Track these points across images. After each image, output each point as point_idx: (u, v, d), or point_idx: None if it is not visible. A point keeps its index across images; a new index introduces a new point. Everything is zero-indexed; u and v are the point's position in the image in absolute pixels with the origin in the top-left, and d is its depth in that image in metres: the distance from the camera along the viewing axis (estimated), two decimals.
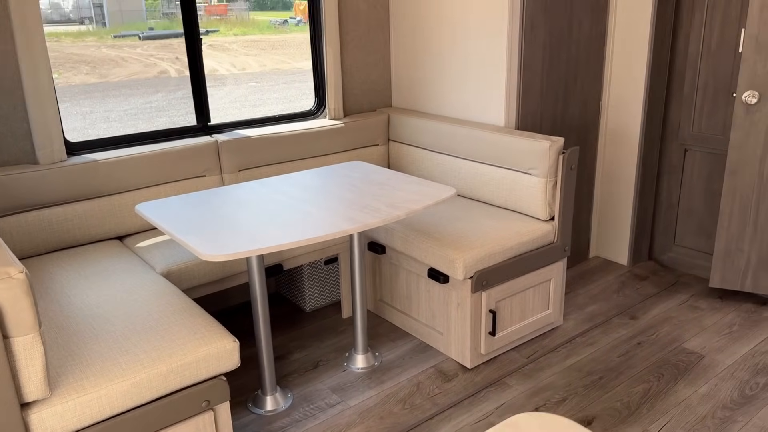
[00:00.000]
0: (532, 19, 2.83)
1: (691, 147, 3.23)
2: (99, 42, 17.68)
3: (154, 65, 15.22)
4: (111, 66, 15.06)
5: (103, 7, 19.10)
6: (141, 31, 18.43)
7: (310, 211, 2.12)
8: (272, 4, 21.96)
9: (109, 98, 12.27)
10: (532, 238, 2.64)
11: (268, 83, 13.24)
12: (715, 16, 3.01)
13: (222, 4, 20.39)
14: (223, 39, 18.72)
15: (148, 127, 10.19)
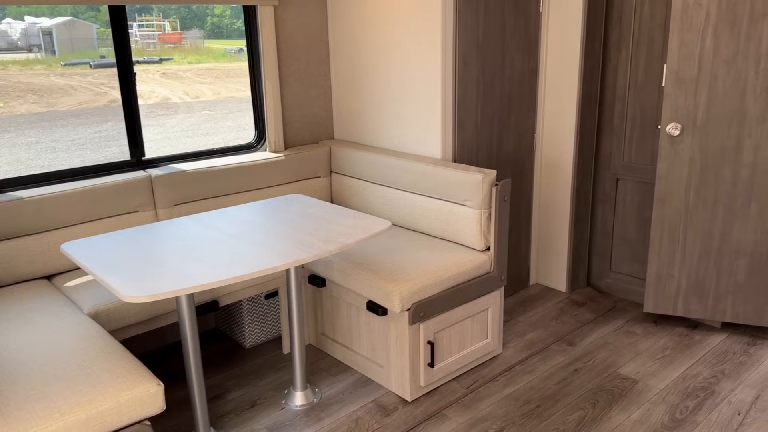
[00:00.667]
0: (465, 56, 2.91)
1: (623, 176, 3.35)
2: (48, 70, 17.31)
3: (104, 94, 14.96)
4: (60, 95, 14.74)
5: (53, 35, 18.74)
6: (92, 59, 18.11)
7: (242, 248, 2.10)
8: (228, 33, 21.97)
9: (56, 128, 11.99)
10: (469, 268, 2.67)
11: (222, 111, 13.18)
12: (640, 52, 3.15)
13: (176, 33, 20.26)
14: (177, 67, 18.57)
15: (96, 158, 9.98)
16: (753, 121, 2.76)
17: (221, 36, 22.14)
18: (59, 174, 2.69)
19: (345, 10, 3.26)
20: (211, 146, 10.04)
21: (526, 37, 3.16)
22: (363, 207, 3.24)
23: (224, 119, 12.36)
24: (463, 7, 2.84)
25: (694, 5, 2.73)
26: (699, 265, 3.02)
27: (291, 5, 3.20)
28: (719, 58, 2.75)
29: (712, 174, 2.88)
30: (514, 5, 3.05)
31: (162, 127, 11.69)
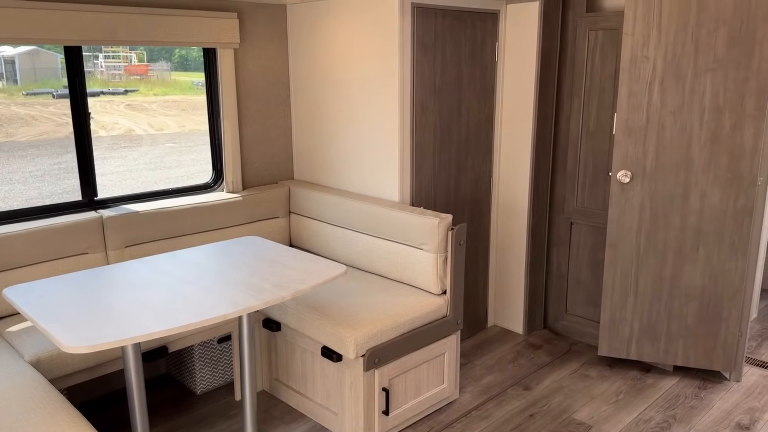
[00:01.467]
0: (422, 102, 2.96)
1: (576, 220, 3.42)
2: (8, 99, 16.96)
3: (66, 124, 14.71)
4: (19, 125, 14.43)
5: (15, 64, 18.43)
6: (55, 89, 17.84)
7: (191, 294, 2.06)
8: (195, 65, 21.93)
9: (14, 159, 11.71)
10: (425, 312, 2.67)
11: (187, 144, 13.07)
12: (592, 101, 3.26)
13: (143, 65, 20.14)
14: (143, 98, 18.42)
15: (53, 190, 9.75)
16: (699, 170, 2.86)
17: (189, 69, 22.09)
18: (6, 215, 2.61)
19: (305, 54, 3.30)
20: (173, 179, 9.84)
21: (482, 85, 3.24)
22: (321, 248, 3.23)
23: (188, 152, 12.27)
24: (420, 56, 2.90)
25: (641, 58, 2.85)
26: (651, 309, 3.07)
27: (252, 48, 3.22)
28: (666, 109, 2.86)
29: (662, 220, 2.96)
30: (470, 55, 3.13)
31: (124, 159, 11.53)
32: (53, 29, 2.50)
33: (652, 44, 2.81)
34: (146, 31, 2.75)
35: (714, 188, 2.85)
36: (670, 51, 2.79)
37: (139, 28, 2.73)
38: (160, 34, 2.79)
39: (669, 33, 2.78)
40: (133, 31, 2.71)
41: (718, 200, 2.86)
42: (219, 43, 3.00)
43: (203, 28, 2.91)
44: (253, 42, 3.22)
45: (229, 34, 3.01)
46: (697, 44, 2.75)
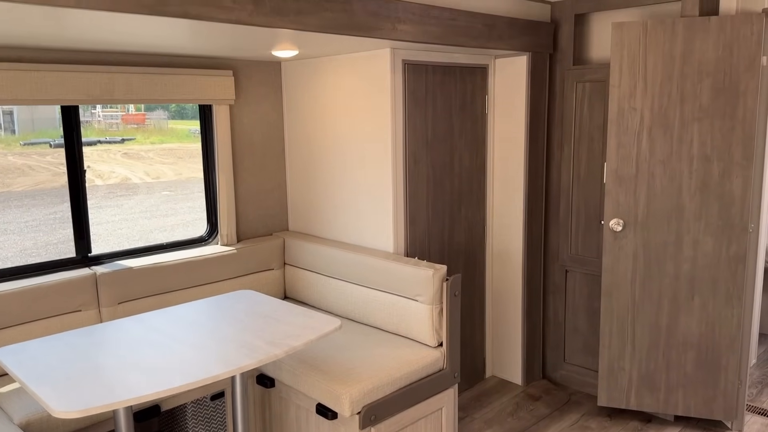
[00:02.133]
0: (414, 154, 3.00)
1: (571, 268, 3.42)
2: (5, 149, 17.08)
3: (63, 174, 14.77)
4: (16, 175, 14.49)
5: (14, 114, 18.61)
6: (52, 138, 17.97)
7: (183, 353, 2.04)
8: (192, 114, 22.22)
9: (10, 209, 11.71)
10: (422, 365, 2.64)
11: (183, 192, 13.14)
12: (581, 151, 3.31)
13: (140, 113, 20.38)
14: (139, 147, 18.58)
15: (48, 240, 9.73)
16: (690, 218, 2.89)
17: (185, 117, 22.38)
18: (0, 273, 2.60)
19: (300, 108, 3.35)
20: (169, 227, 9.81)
21: (473, 137, 3.29)
22: (316, 300, 3.21)
23: (184, 200, 12.31)
24: (412, 110, 2.96)
25: (629, 109, 2.90)
26: (649, 358, 3.05)
27: (247, 103, 3.28)
28: (655, 158, 2.90)
29: (656, 268, 2.97)
30: (460, 108, 3.19)
31: (120, 208, 11.55)
32: (50, 90, 2.54)
33: (639, 95, 2.88)
34: (143, 90, 2.80)
35: (706, 236, 2.87)
36: (657, 102, 2.85)
37: (136, 87, 2.78)
38: (157, 92, 2.84)
39: (655, 84, 2.85)
40: (130, 89, 2.76)
41: (711, 248, 2.87)
42: (215, 99, 3.05)
43: (199, 86, 2.97)
44: (248, 97, 3.28)
45: (224, 90, 3.07)
46: (682, 95, 2.81)
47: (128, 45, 2.54)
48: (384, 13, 2.45)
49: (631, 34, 2.85)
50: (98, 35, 2.25)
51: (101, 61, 2.74)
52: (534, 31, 3.15)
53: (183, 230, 10.05)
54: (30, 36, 2.23)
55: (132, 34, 2.26)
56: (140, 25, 2.06)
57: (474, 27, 2.81)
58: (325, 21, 2.28)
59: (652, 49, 2.82)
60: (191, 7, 1.92)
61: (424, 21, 2.60)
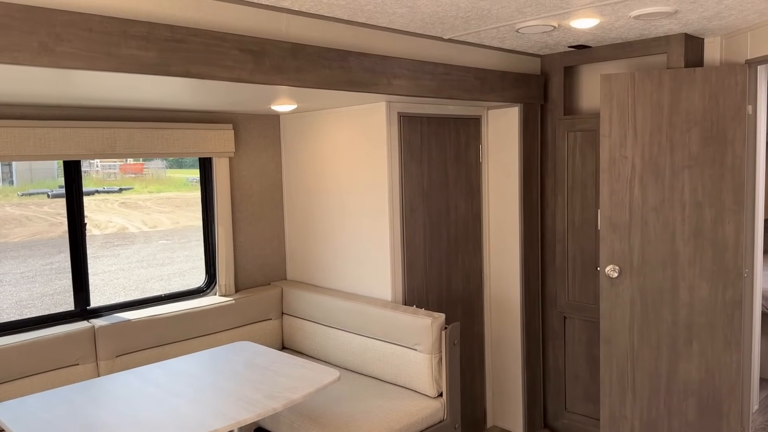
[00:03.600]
0: (411, 203, 3.05)
1: (570, 315, 3.43)
2: (3, 200, 17.14)
3: (59, 224, 14.80)
4: (13, 225, 14.49)
5: (12, 165, 18.74)
6: (50, 189, 18.05)
7: (180, 407, 2.02)
8: (190, 163, 22.42)
9: (6, 260, 11.66)
10: (422, 417, 2.62)
11: (180, 240, 13.14)
12: (575, 198, 3.36)
13: (138, 163, 20.55)
14: (137, 196, 18.66)
15: (44, 291, 9.67)
16: (685, 264, 2.92)
17: (184, 165, 22.58)
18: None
19: (298, 159, 3.42)
20: (165, 276, 9.73)
21: (468, 185, 3.35)
22: (314, 350, 3.20)
23: (181, 248, 12.30)
24: (407, 159, 3.02)
25: (620, 158, 2.97)
26: (650, 405, 3.02)
27: (246, 155, 3.34)
28: (648, 205, 2.95)
29: (653, 314, 2.98)
30: (455, 157, 3.26)
31: (117, 258, 11.52)
32: (53, 146, 2.60)
33: (629, 144, 2.95)
34: (144, 144, 2.86)
35: (701, 281, 2.89)
36: (647, 150, 2.92)
37: (138, 142, 2.84)
38: (158, 147, 2.90)
39: (644, 133, 2.92)
40: (132, 144, 2.82)
41: (707, 293, 2.89)
42: (215, 152, 3.11)
43: (200, 139, 3.04)
44: (247, 149, 3.34)
45: (224, 143, 3.14)
46: (672, 143, 2.88)
47: (130, 101, 2.61)
48: (380, 69, 2.53)
49: (620, 85, 2.95)
50: (101, 93, 2.32)
51: (103, 117, 2.81)
52: (525, 83, 3.24)
53: (180, 279, 10.01)
54: (35, 95, 2.30)
55: (134, 92, 2.33)
56: (143, 84, 2.12)
57: (467, 80, 2.90)
58: (323, 78, 2.35)
59: (640, 100, 2.91)
60: (193, 66, 1.99)
61: (419, 76, 2.69)
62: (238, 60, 2.10)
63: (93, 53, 1.78)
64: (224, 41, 2.05)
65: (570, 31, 2.76)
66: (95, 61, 1.79)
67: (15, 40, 1.64)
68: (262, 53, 2.15)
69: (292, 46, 2.24)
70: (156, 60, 1.90)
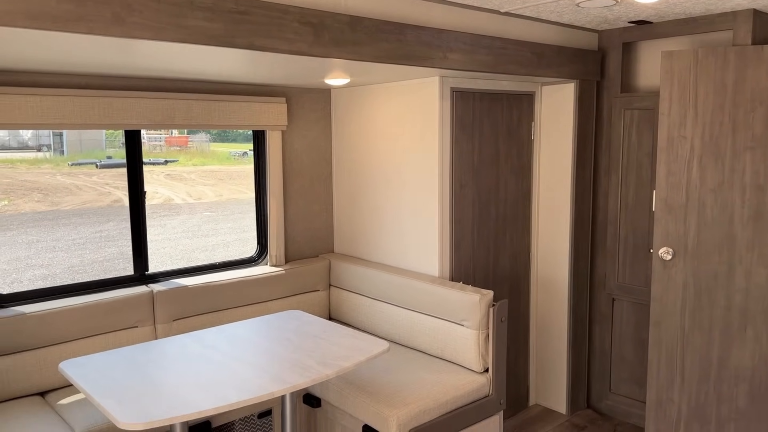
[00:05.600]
0: (461, 179, 3.04)
1: (618, 297, 3.39)
2: (55, 169, 17.72)
3: (108, 194, 15.24)
4: (64, 194, 14.99)
5: (63, 135, 19.31)
6: (98, 159, 18.55)
7: (238, 370, 2.09)
8: (233, 136, 22.74)
9: (58, 227, 12.09)
10: (467, 391, 2.65)
11: (223, 213, 13.40)
12: (629, 178, 3.30)
13: (183, 136, 20.94)
14: (182, 169, 19.05)
15: (94, 257, 10.01)
16: (743, 248, 2.84)
17: (226, 139, 22.93)
18: (64, 288, 2.72)
19: (348, 133, 3.44)
20: (210, 247, 9.94)
21: (519, 163, 3.32)
22: (361, 322, 3.25)
23: (225, 220, 12.53)
24: (459, 135, 3.01)
25: (678, 138, 2.90)
26: (699, 390, 2.98)
27: (297, 129, 3.38)
28: (706, 187, 2.87)
29: (707, 298, 2.92)
30: (507, 133, 3.23)
31: (163, 228, 11.82)
32: (116, 115, 2.68)
33: (689, 124, 2.87)
34: (202, 116, 2.92)
35: (759, 267, 2.82)
36: (708, 131, 2.84)
37: (196, 113, 2.90)
38: (214, 119, 2.95)
39: (705, 113, 2.83)
40: (190, 115, 2.89)
41: (764, 279, 2.82)
42: (268, 125, 3.15)
43: (255, 112, 3.08)
44: (299, 123, 3.38)
45: (278, 117, 3.18)
46: (734, 124, 2.79)
47: (189, 73, 2.66)
48: (436, 42, 2.52)
49: (682, 62, 2.86)
50: (164, 64, 2.37)
51: (163, 88, 2.87)
52: (582, 59, 3.18)
53: (224, 250, 10.23)
54: (100, 65, 2.37)
55: (196, 63, 2.37)
56: (206, 55, 2.16)
57: (523, 55, 2.86)
58: (380, 51, 2.36)
59: (703, 78, 2.82)
60: (256, 38, 2.02)
61: (475, 50, 2.66)
62: (298, 33, 2.12)
63: (161, 24, 1.83)
64: (286, 13, 2.07)
65: (632, 5, 2.69)
66: (163, 31, 1.84)
67: (90, 10, 1.69)
68: (321, 26, 2.17)
69: (351, 19, 2.25)
70: (221, 32, 1.94)
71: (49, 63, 2.29)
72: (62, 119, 2.55)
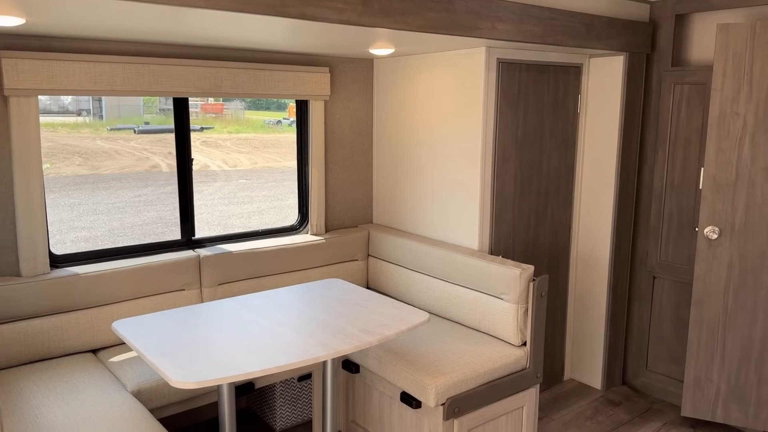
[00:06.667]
0: (504, 152, 3.02)
1: (660, 275, 3.35)
2: (94, 134, 18.08)
3: (146, 159, 15.51)
4: (104, 158, 15.32)
5: (102, 100, 19.61)
6: (136, 125, 18.84)
7: (283, 334, 2.15)
8: (267, 104, 22.80)
9: (98, 190, 12.39)
10: (505, 363, 2.67)
11: (258, 180, 13.55)
12: (676, 155, 3.23)
13: (218, 103, 21.10)
14: (217, 136, 19.26)
15: (134, 221, 10.26)
16: None
17: (260, 108, 23.03)
18: (114, 251, 2.81)
19: (389, 104, 3.43)
20: (245, 214, 10.12)
21: (564, 137, 3.27)
22: (398, 292, 3.29)
23: (260, 188, 12.68)
24: (504, 106, 2.97)
25: (731, 114, 2.81)
26: (739, 371, 2.95)
27: (340, 99, 3.38)
28: (757, 165, 2.80)
29: (752, 279, 2.87)
30: (552, 106, 3.18)
31: (200, 194, 12.02)
32: (165, 83, 2.72)
33: (743, 100, 2.78)
34: (247, 85, 2.94)
35: None
36: (762, 107, 2.75)
37: (241, 82, 2.93)
38: (260, 88, 2.98)
39: (761, 89, 2.75)
40: (236, 84, 2.91)
41: None
42: (312, 95, 3.17)
43: (299, 82, 3.09)
44: (341, 93, 3.38)
45: (321, 87, 3.18)
46: None
47: (236, 41, 2.68)
48: (485, 12, 2.48)
49: (738, 36, 2.76)
50: (213, 32, 2.39)
51: (209, 56, 2.90)
52: (632, 31, 3.09)
53: (258, 217, 10.38)
54: (152, 32, 2.40)
55: (244, 32, 2.39)
56: (257, 25, 2.17)
57: (572, 26, 2.80)
58: (428, 21, 2.33)
59: (759, 52, 2.72)
60: (307, 8, 2.02)
61: (524, 20, 2.62)
62: (348, 2, 2.11)
63: None
64: None
65: None
66: (218, 0, 1.85)
67: None
68: None
69: None
70: (273, 1, 1.94)
71: (103, 30, 2.33)
72: (114, 86, 2.61)
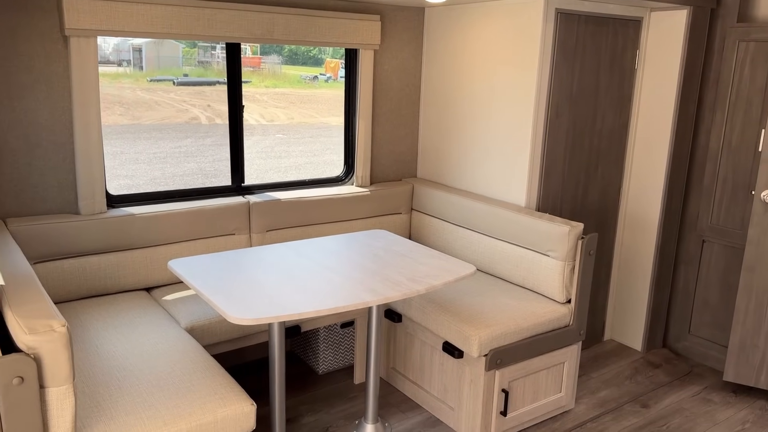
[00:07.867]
0: (557, 107, 2.95)
1: (709, 239, 3.28)
2: (134, 84, 18.27)
3: (185, 111, 15.66)
4: (144, 109, 15.52)
5: (142, 51, 19.72)
6: (175, 76, 18.96)
7: (333, 279, 2.19)
8: (304, 60, 22.63)
9: (139, 140, 12.61)
10: (548, 319, 2.68)
11: (295, 136, 13.58)
12: (736, 115, 3.12)
13: (256, 57, 21.02)
14: (255, 90, 19.27)
15: (175, 171, 10.44)
16: None
17: (297, 62, 22.88)
18: (167, 194, 2.87)
19: (439, 56, 3.37)
20: (282, 168, 10.21)
21: (619, 93, 3.18)
22: (442, 247, 3.30)
23: (296, 143, 12.72)
24: (560, 61, 2.90)
25: None
26: None
27: (389, 49, 3.34)
28: None
29: None
30: (609, 62, 3.09)
31: None
32: (219, 27, 2.72)
33: None
34: (299, 31, 2.92)
35: None
36: None
37: (293, 28, 2.91)
38: (311, 35, 2.96)
39: None
40: (288, 30, 2.90)
41: None
42: (362, 44, 3.13)
43: (350, 30, 3.06)
44: (390, 43, 3.33)
45: (371, 35, 3.14)
46: None
47: None
48: None
49: None
50: None
51: (263, 1, 2.88)
52: None
53: (295, 172, 10.44)
54: None
55: None
56: None
57: None
58: None
59: None
60: None
61: None
62: None
63: None
64: None
65: None
66: None
67: None
68: None
69: None
70: None
71: None
72: (170, 29, 2.62)
